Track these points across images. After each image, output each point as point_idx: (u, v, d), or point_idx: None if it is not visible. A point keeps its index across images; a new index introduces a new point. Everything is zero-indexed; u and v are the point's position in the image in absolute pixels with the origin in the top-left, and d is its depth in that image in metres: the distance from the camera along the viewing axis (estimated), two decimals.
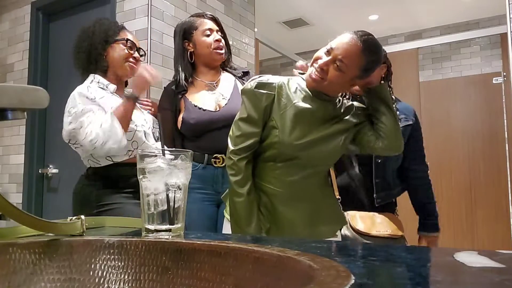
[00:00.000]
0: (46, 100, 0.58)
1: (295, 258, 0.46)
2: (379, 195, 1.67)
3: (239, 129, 1.26)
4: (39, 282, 0.55)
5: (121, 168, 1.53)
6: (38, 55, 3.14)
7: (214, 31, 1.72)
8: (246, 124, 1.25)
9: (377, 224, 1.59)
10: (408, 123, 1.70)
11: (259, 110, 1.24)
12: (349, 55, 1.18)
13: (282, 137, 1.22)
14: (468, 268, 0.46)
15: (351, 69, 1.19)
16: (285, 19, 4.56)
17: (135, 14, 2.62)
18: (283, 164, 1.26)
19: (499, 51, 4.31)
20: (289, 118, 1.23)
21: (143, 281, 0.57)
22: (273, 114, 1.24)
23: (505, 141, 3.84)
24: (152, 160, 0.71)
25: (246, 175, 1.24)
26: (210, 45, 1.70)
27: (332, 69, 1.20)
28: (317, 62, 1.23)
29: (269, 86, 1.25)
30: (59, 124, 1.57)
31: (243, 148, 1.24)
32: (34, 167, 3.07)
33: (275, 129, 1.23)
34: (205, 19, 1.74)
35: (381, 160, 1.66)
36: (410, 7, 4.31)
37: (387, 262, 0.50)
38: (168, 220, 0.70)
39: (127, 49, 1.63)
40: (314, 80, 1.23)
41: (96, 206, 1.50)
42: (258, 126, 1.25)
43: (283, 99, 1.25)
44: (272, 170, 1.27)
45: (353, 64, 1.19)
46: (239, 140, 1.25)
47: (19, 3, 3.34)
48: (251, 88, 1.25)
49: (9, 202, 0.57)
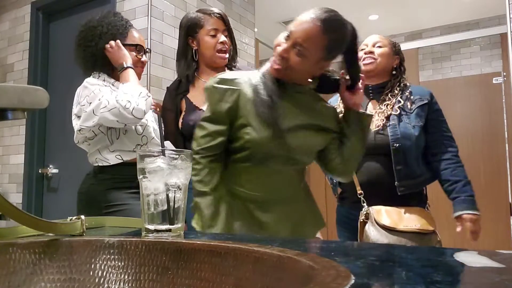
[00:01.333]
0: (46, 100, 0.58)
1: (295, 258, 0.46)
2: (402, 183, 1.54)
3: (203, 129, 1.16)
4: (39, 282, 0.55)
5: (130, 168, 1.49)
6: (38, 55, 3.14)
7: (219, 32, 1.67)
8: (209, 123, 1.15)
9: (405, 219, 1.47)
10: (423, 102, 1.60)
11: (222, 107, 1.14)
12: (309, 37, 1.07)
13: (254, 134, 1.11)
14: (468, 268, 0.46)
15: (314, 52, 1.09)
16: (285, 19, 4.56)
17: (135, 14, 2.62)
18: (258, 164, 1.16)
19: (499, 51, 4.32)
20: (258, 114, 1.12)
21: (143, 281, 0.57)
22: (241, 111, 1.13)
23: (505, 141, 3.84)
24: (152, 160, 0.71)
25: (210, 173, 1.13)
26: (214, 46, 1.65)
27: (293, 55, 1.09)
28: (277, 50, 1.13)
29: (232, 82, 1.15)
30: (59, 124, 1.57)
31: (207, 148, 1.14)
32: (34, 167, 3.07)
33: (246, 126, 1.12)
34: (212, 18, 1.68)
35: (398, 145, 1.54)
36: (410, 7, 4.31)
37: (387, 262, 0.50)
38: (168, 220, 0.70)
39: (136, 54, 1.59)
40: (275, 70, 1.14)
41: (104, 206, 1.46)
42: (223, 123, 1.14)
43: (250, 94, 1.14)
44: (245, 172, 1.17)
45: (314, 47, 1.08)
46: (203, 141, 1.15)
47: (19, 3, 3.34)
48: (211, 84, 1.16)
49: (9, 202, 0.57)
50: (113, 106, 1.38)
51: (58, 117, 2.95)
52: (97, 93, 1.43)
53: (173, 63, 2.74)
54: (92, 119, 1.43)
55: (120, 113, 1.38)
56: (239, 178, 1.19)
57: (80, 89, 1.52)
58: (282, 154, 1.16)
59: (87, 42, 1.56)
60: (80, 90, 1.51)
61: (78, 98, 1.51)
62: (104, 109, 1.39)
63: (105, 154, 1.50)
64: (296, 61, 1.10)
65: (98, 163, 1.52)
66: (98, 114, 1.40)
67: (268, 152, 1.15)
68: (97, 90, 1.44)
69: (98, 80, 1.54)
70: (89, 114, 1.43)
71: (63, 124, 2.67)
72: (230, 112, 1.14)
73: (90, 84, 1.49)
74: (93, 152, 1.52)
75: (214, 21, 1.67)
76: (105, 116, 1.39)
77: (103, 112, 1.39)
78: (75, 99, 1.53)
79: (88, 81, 1.51)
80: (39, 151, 3.09)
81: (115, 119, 1.39)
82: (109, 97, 1.41)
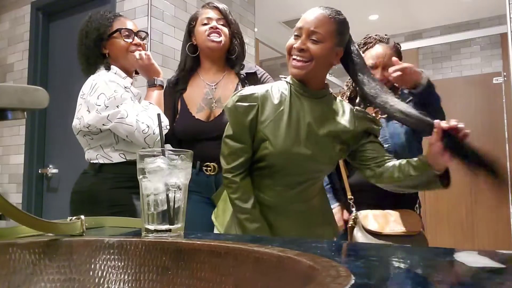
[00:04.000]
0: (46, 100, 0.58)
1: (295, 258, 0.46)
2: None
3: (228, 147, 1.21)
4: (39, 282, 0.55)
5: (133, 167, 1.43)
6: (38, 55, 3.14)
7: (213, 20, 1.60)
8: (233, 141, 1.20)
9: (391, 222, 1.49)
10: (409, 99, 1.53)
11: (244, 125, 1.18)
12: (320, 23, 1.15)
13: (272, 148, 1.17)
14: (468, 268, 0.46)
15: (328, 36, 1.15)
16: (285, 19, 4.56)
17: (135, 14, 2.62)
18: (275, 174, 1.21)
19: (499, 51, 4.32)
20: (277, 127, 1.17)
21: (143, 281, 0.57)
22: (260, 125, 1.18)
23: (505, 141, 3.85)
24: (152, 160, 0.71)
25: (246, 190, 1.20)
26: (205, 32, 1.58)
27: (310, 45, 1.15)
28: (293, 50, 1.18)
29: (251, 97, 1.19)
30: (59, 124, 1.54)
31: (236, 166, 1.20)
32: (34, 167, 3.07)
33: (265, 140, 1.18)
34: (207, 8, 1.64)
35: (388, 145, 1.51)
36: (410, 7, 4.31)
37: (387, 262, 0.50)
38: (168, 220, 0.70)
39: (124, 39, 1.54)
40: (299, 67, 1.17)
41: (108, 206, 1.41)
42: (245, 141, 1.19)
43: (268, 108, 1.19)
44: (264, 179, 1.23)
45: (327, 30, 1.15)
46: (230, 159, 1.21)
47: (19, 3, 3.34)
48: (232, 104, 1.20)
49: (9, 202, 0.57)
50: (130, 124, 1.37)
51: (58, 117, 2.95)
52: (118, 99, 1.39)
53: (173, 63, 2.75)
54: (105, 124, 1.39)
55: (134, 134, 1.37)
56: (258, 184, 1.23)
57: (97, 80, 1.44)
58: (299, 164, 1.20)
59: (79, 46, 1.57)
60: (96, 82, 1.43)
61: (91, 89, 1.43)
62: (120, 120, 1.37)
63: (108, 152, 1.46)
64: (316, 49, 1.15)
65: (99, 160, 1.46)
66: (113, 122, 1.38)
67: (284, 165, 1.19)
68: (118, 95, 1.40)
69: (116, 76, 1.50)
70: (102, 118, 1.39)
71: (63, 124, 2.66)
72: (251, 128, 1.19)
73: (111, 82, 1.43)
74: (95, 147, 1.48)
75: (209, 11, 1.63)
76: (117, 126, 1.38)
77: (118, 122, 1.37)
78: (88, 88, 1.45)
79: (109, 78, 1.45)
80: (39, 151, 3.09)
81: (125, 134, 1.39)
82: (130, 110, 1.39)
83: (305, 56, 1.16)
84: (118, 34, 1.54)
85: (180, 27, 2.76)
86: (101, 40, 1.53)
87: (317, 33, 1.14)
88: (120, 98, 1.39)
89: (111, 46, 1.55)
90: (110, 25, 1.54)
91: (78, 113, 1.48)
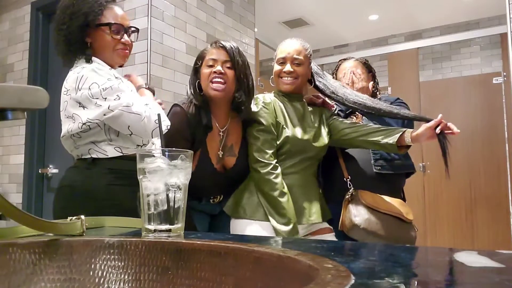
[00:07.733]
0: (46, 100, 0.58)
1: (295, 258, 0.46)
2: (378, 163, 1.69)
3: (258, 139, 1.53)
4: (39, 282, 0.55)
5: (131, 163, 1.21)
6: (38, 55, 3.15)
7: (218, 62, 1.46)
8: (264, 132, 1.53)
9: (388, 203, 1.62)
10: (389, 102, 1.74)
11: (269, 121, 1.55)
12: (298, 50, 1.60)
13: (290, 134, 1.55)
14: (468, 268, 0.46)
15: (305, 59, 1.61)
16: (285, 19, 4.56)
17: (135, 14, 2.62)
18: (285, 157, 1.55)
19: (499, 51, 4.32)
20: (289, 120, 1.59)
21: (143, 281, 0.57)
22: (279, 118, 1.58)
23: (505, 141, 3.85)
24: (152, 160, 0.71)
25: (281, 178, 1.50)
26: (208, 77, 1.46)
27: (295, 67, 1.60)
28: (282, 73, 1.60)
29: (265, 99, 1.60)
30: (59, 124, 1.49)
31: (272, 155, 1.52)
32: (34, 167, 3.07)
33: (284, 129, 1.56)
34: (214, 48, 1.51)
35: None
36: (410, 7, 4.31)
37: (387, 262, 0.50)
38: (168, 220, 0.70)
39: (112, 35, 1.40)
40: (290, 83, 1.60)
41: (108, 204, 1.29)
42: (273, 132, 1.55)
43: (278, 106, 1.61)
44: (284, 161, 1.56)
45: (304, 56, 1.61)
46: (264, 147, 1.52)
47: (19, 3, 3.34)
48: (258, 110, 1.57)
49: (9, 202, 0.57)
50: (138, 112, 1.27)
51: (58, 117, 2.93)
52: (115, 89, 1.28)
53: (173, 63, 2.75)
54: (106, 113, 1.29)
55: (140, 123, 1.28)
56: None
57: (82, 72, 1.32)
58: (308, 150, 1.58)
59: (60, 25, 1.40)
60: (83, 74, 1.31)
61: (78, 83, 1.31)
62: (125, 108, 1.27)
63: (102, 146, 1.35)
64: (300, 70, 1.61)
65: (92, 154, 1.35)
66: (115, 110, 1.27)
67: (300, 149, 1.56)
68: (115, 84, 1.29)
69: (102, 66, 1.38)
70: (104, 109, 1.28)
71: None
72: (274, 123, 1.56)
73: (100, 70, 1.31)
74: (85, 144, 1.37)
75: (215, 51, 1.50)
76: (122, 115, 1.27)
77: (123, 110, 1.27)
78: (73, 82, 1.33)
79: (96, 66, 1.34)
80: (39, 151, 3.09)
81: (128, 124, 1.29)
82: (135, 98, 1.31)
83: (293, 76, 1.60)
84: (107, 27, 1.40)
85: (180, 27, 2.76)
86: (86, 26, 1.39)
87: (298, 58, 1.60)
88: (117, 87, 1.30)
89: (96, 37, 1.41)
90: (100, 13, 1.40)
91: (66, 112, 1.38)
